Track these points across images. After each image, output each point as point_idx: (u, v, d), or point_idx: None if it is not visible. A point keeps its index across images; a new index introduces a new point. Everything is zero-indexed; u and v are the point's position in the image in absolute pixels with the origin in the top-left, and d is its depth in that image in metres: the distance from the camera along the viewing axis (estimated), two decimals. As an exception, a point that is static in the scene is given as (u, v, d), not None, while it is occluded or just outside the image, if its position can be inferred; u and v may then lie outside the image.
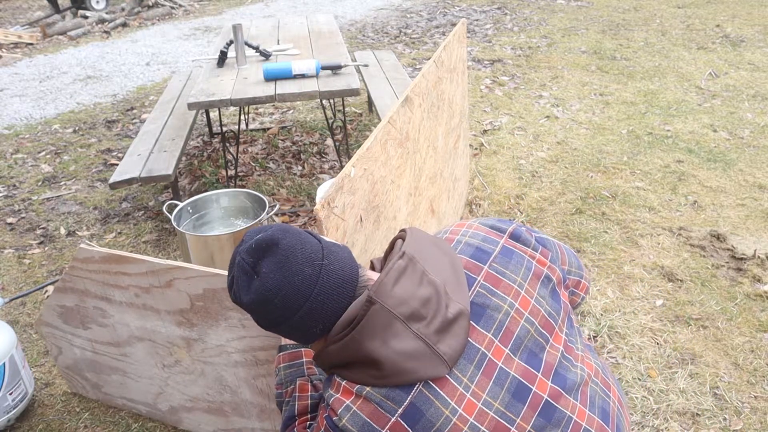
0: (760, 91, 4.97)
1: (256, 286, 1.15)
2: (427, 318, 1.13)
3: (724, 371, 2.35)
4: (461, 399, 1.12)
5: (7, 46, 7.69)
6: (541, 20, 7.50)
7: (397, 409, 1.10)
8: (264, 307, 1.15)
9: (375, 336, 1.11)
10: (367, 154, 1.65)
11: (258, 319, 1.19)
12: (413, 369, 1.10)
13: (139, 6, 9.25)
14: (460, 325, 1.15)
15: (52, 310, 2.17)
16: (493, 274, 1.25)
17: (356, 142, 4.38)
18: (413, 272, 1.17)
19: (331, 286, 1.16)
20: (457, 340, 1.14)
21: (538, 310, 1.24)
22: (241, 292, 1.17)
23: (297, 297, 1.14)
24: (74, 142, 4.77)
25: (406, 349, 1.11)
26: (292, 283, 1.14)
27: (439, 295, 1.16)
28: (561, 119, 4.62)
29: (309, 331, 1.17)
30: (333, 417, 1.13)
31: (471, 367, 1.14)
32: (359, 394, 1.12)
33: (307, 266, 1.15)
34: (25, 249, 3.40)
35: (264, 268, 1.15)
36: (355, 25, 7.84)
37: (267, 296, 1.14)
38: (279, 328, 1.18)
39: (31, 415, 2.33)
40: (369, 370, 1.12)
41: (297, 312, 1.14)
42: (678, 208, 3.40)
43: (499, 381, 1.15)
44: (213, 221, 2.72)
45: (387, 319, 1.12)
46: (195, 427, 2.18)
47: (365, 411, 1.11)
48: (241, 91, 3.10)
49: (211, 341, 1.89)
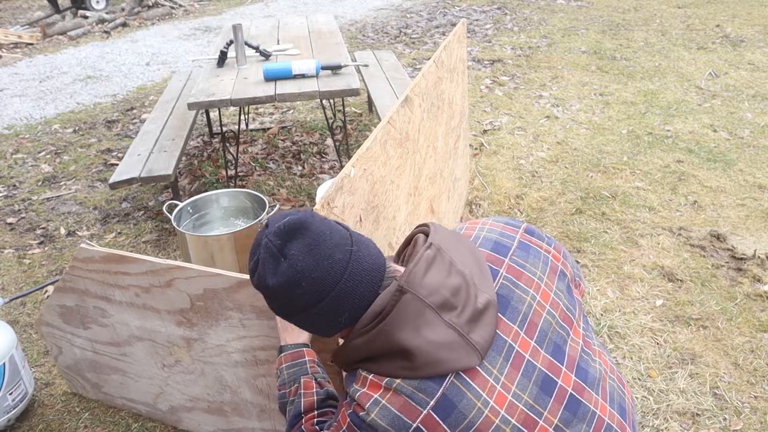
0: (760, 91, 4.97)
1: (284, 269, 1.11)
2: (458, 308, 1.11)
3: (724, 371, 2.35)
4: (492, 391, 1.09)
5: (7, 46, 7.69)
6: (541, 20, 7.50)
7: (429, 401, 1.06)
8: (291, 292, 1.11)
9: (407, 326, 1.08)
10: (367, 154, 1.65)
11: (281, 305, 1.15)
12: (446, 359, 1.07)
13: (139, 6, 9.25)
14: (489, 315, 1.13)
15: (52, 310, 2.17)
16: (515, 267, 1.23)
17: (356, 142, 4.38)
18: (442, 262, 1.14)
19: (360, 273, 1.13)
20: (487, 330, 1.12)
21: (557, 304, 1.23)
22: (267, 274, 1.13)
23: (326, 281, 1.10)
24: (74, 142, 4.77)
25: (439, 338, 1.08)
26: (322, 266, 1.11)
27: (468, 285, 1.14)
28: (561, 119, 4.62)
29: (334, 320, 1.14)
30: (359, 412, 1.09)
31: (500, 359, 1.12)
32: (388, 387, 1.08)
33: (337, 251, 1.13)
34: (25, 249, 3.40)
35: (293, 250, 1.11)
36: (355, 25, 7.84)
37: (295, 279, 1.10)
38: (301, 316, 1.14)
39: (31, 415, 2.33)
40: (400, 361, 1.08)
41: (325, 297, 1.11)
42: (678, 208, 3.40)
43: (527, 373, 1.13)
44: (213, 221, 2.72)
45: (419, 309, 1.09)
46: (195, 427, 2.19)
47: (395, 404, 1.07)
48: (241, 91, 3.10)
49: (211, 341, 1.89)
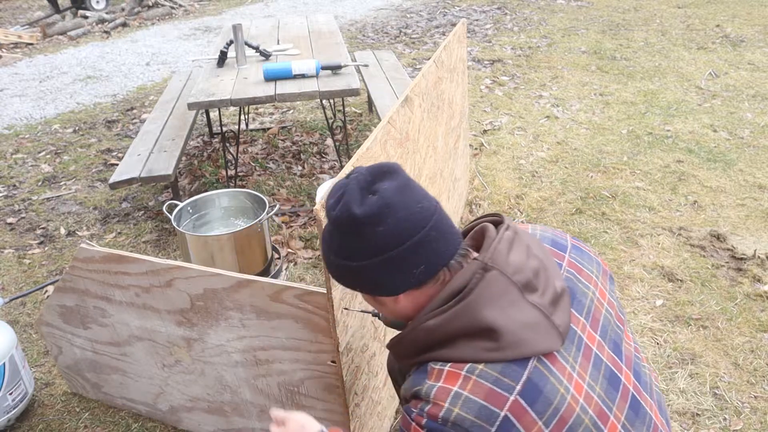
0: (760, 91, 4.97)
1: (373, 201, 1.06)
2: (539, 289, 1.08)
3: (724, 371, 2.35)
4: (570, 378, 1.05)
5: (7, 46, 7.69)
6: (541, 20, 7.50)
7: (515, 386, 1.00)
8: (375, 226, 1.05)
9: (492, 304, 1.03)
10: (367, 154, 1.65)
11: (357, 244, 1.07)
12: (531, 340, 1.02)
13: (139, 6, 9.25)
14: (565, 300, 1.10)
15: (52, 310, 2.17)
16: (574, 262, 1.23)
17: (356, 142, 4.38)
18: (520, 244, 1.12)
19: (444, 226, 1.09)
20: (565, 315, 1.09)
21: (613, 304, 1.22)
22: (354, 204, 1.06)
23: (413, 223, 1.06)
24: (74, 142, 4.77)
25: (525, 318, 1.03)
26: (411, 208, 1.06)
27: (546, 269, 1.11)
28: (561, 119, 4.62)
29: (408, 271, 1.07)
30: (439, 413, 1.00)
31: (573, 348, 1.08)
32: (469, 376, 1.01)
33: (424, 200, 1.09)
34: (25, 249, 3.40)
35: (384, 186, 1.07)
36: (355, 25, 7.84)
37: (383, 213, 1.05)
38: (373, 262, 1.07)
39: (31, 415, 2.33)
40: (483, 342, 1.02)
41: (407, 240, 1.05)
42: (678, 208, 3.40)
43: (596, 365, 1.09)
44: (213, 221, 2.72)
45: (505, 287, 1.05)
46: (195, 427, 2.18)
47: (479, 393, 0.99)
48: (241, 91, 3.10)
49: (211, 341, 1.89)
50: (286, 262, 3.10)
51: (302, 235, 3.32)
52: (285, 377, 1.83)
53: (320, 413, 1.85)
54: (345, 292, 1.57)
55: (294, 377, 1.81)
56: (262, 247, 2.53)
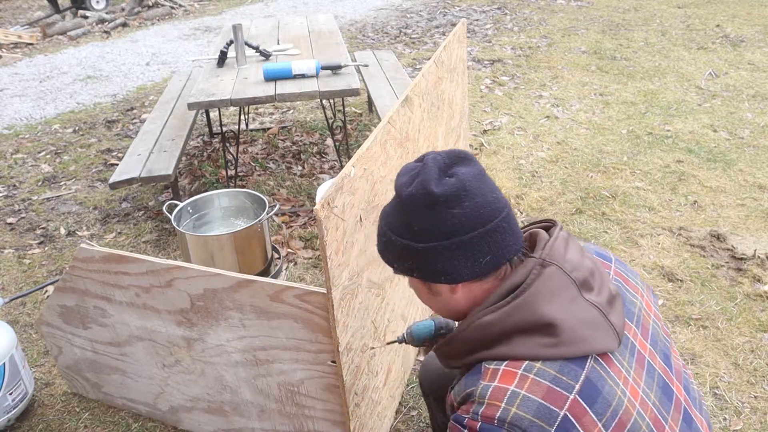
0: (760, 91, 4.97)
1: (452, 182, 1.05)
2: (595, 289, 1.06)
3: (724, 371, 2.35)
4: (626, 382, 1.02)
5: (7, 46, 7.69)
6: (541, 20, 7.50)
7: (574, 385, 0.97)
8: (450, 208, 1.03)
9: (551, 299, 1.02)
10: (367, 154, 1.65)
11: (429, 224, 1.05)
12: (590, 337, 1.00)
13: (139, 6, 9.25)
14: (619, 303, 1.08)
15: (52, 310, 2.17)
16: (620, 272, 1.22)
17: (356, 142, 4.38)
18: (574, 244, 1.11)
19: (513, 222, 1.08)
20: (620, 317, 1.06)
21: (658, 316, 1.21)
22: (431, 182, 1.04)
23: (487, 211, 1.04)
24: (74, 142, 4.77)
25: (583, 315, 1.02)
26: (487, 196, 1.05)
27: (599, 271, 1.10)
28: (561, 119, 4.62)
29: (475, 259, 1.05)
30: (495, 413, 0.96)
31: (627, 353, 1.06)
32: (526, 374, 0.98)
33: (497, 192, 1.08)
34: (25, 249, 3.40)
35: (462, 171, 1.07)
36: (355, 25, 7.84)
37: (461, 195, 1.03)
38: (442, 245, 1.04)
39: (31, 415, 2.33)
40: (541, 337, 0.99)
41: (479, 228, 1.03)
42: (678, 208, 3.40)
43: (650, 373, 1.07)
44: (213, 221, 2.72)
45: (563, 283, 1.03)
46: (195, 427, 2.18)
47: (538, 392, 0.96)
48: (241, 91, 3.10)
49: (211, 341, 1.89)
50: (286, 262, 3.10)
51: (302, 235, 3.32)
52: (285, 377, 1.83)
53: (320, 413, 1.85)
54: (345, 292, 1.57)
55: (294, 377, 1.81)
56: (262, 247, 2.53)
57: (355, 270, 1.63)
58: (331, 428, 1.86)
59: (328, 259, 1.44)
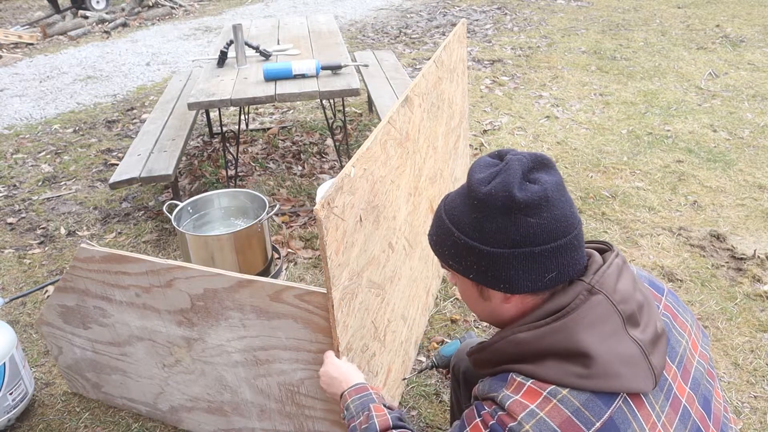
0: (760, 91, 4.97)
1: (535, 189, 1.00)
2: (641, 325, 1.01)
3: (724, 371, 2.35)
4: (654, 428, 0.97)
5: (7, 46, 7.69)
6: (541, 20, 7.50)
7: (595, 422, 0.93)
8: (528, 216, 0.99)
9: (592, 328, 0.97)
10: (367, 154, 1.65)
11: (501, 228, 1.00)
12: (625, 375, 0.96)
13: (139, 6, 9.25)
14: (663, 342, 1.03)
15: (52, 310, 2.17)
16: (671, 306, 1.16)
17: (356, 142, 4.38)
18: (628, 274, 1.06)
19: (582, 240, 1.04)
20: (662, 358, 1.01)
21: (705, 356, 1.15)
22: (514, 185, 0.99)
23: (563, 226, 1.00)
24: (74, 142, 4.77)
25: (623, 351, 0.97)
26: (564, 210, 1.01)
27: (649, 305, 1.05)
28: (561, 119, 4.62)
29: (541, 273, 1.00)
30: (509, 423, 0.94)
31: (661, 396, 1.01)
32: (550, 398, 0.94)
33: (574, 207, 1.04)
34: (25, 249, 3.40)
35: (545, 178, 1.02)
36: (355, 25, 7.84)
37: (541, 205, 0.99)
38: (513, 251, 1.00)
39: (31, 415, 2.34)
40: (572, 366, 0.96)
41: (551, 242, 1.00)
42: (678, 208, 3.40)
43: (683, 420, 1.02)
44: (213, 221, 2.72)
45: (607, 313, 0.99)
46: (195, 427, 2.19)
47: (556, 419, 0.93)
48: (241, 91, 3.10)
49: (212, 341, 1.89)
50: (286, 262, 3.10)
51: (302, 235, 3.32)
52: (285, 377, 1.83)
53: (320, 413, 1.85)
54: (345, 292, 1.57)
55: (294, 377, 1.81)
56: (262, 247, 2.53)
57: (355, 270, 1.63)
58: (331, 428, 1.86)
59: (328, 259, 1.44)
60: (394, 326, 2.07)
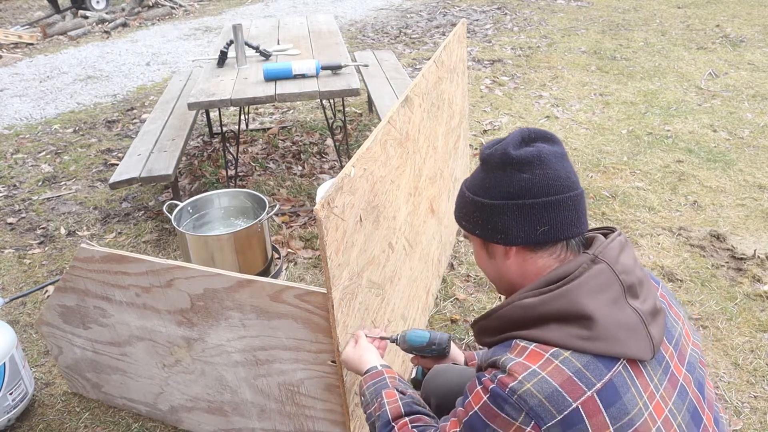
0: (760, 91, 4.97)
1: (531, 150, 1.09)
2: (641, 297, 1.06)
3: (724, 371, 2.35)
4: (652, 397, 1.01)
5: (7, 46, 7.69)
6: (541, 20, 7.50)
7: (596, 383, 0.97)
8: (521, 171, 1.08)
9: (594, 294, 1.02)
10: (367, 154, 1.65)
11: (498, 182, 1.10)
12: (624, 340, 0.99)
13: (139, 6, 9.25)
14: (661, 318, 1.08)
15: (52, 310, 2.17)
16: (666, 297, 1.21)
17: (356, 142, 4.38)
18: (630, 251, 1.12)
19: (581, 208, 1.11)
20: (660, 331, 1.06)
21: (697, 345, 1.20)
22: (510, 146, 1.10)
23: (558, 183, 1.08)
24: (74, 142, 4.77)
25: (622, 318, 1.01)
26: (560, 172, 1.09)
27: (648, 283, 1.11)
28: (561, 119, 4.62)
29: (533, 226, 1.08)
30: (509, 383, 0.98)
31: (660, 370, 1.05)
32: (552, 359, 0.99)
33: (575, 177, 1.12)
34: (25, 249, 3.40)
35: (543, 146, 1.11)
36: (355, 25, 7.84)
37: (534, 162, 1.08)
38: (506, 204, 1.09)
39: (31, 415, 2.34)
40: (575, 328, 1.00)
41: (545, 196, 1.07)
42: (678, 208, 3.40)
43: (681, 396, 1.06)
44: (213, 221, 2.72)
45: (609, 281, 1.04)
46: (195, 427, 2.19)
47: (557, 378, 0.97)
48: (241, 91, 3.10)
49: (212, 341, 1.89)
50: (286, 262, 3.10)
51: (302, 235, 3.32)
52: (285, 377, 1.83)
53: (320, 413, 1.85)
54: (345, 292, 1.57)
55: (294, 377, 1.81)
56: (262, 247, 2.53)
57: (355, 270, 1.63)
58: (331, 428, 1.86)
59: (328, 259, 1.44)
60: (394, 326, 2.07)
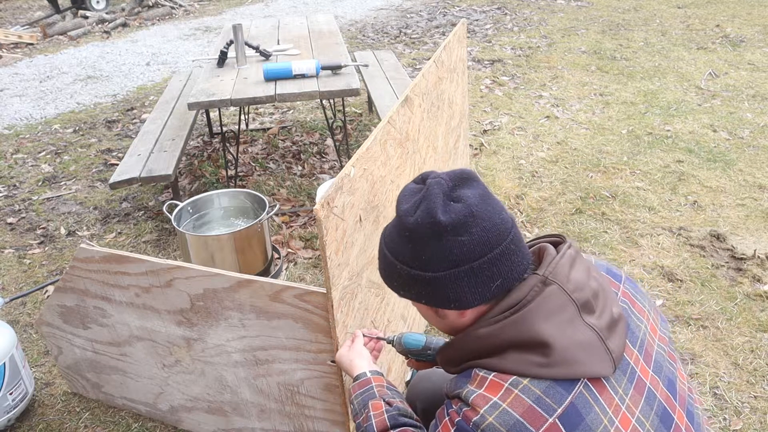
0: (760, 91, 4.97)
1: (459, 208, 1.03)
2: (597, 311, 1.04)
3: (724, 371, 2.35)
4: (617, 410, 1.00)
5: (7, 46, 7.69)
6: (541, 20, 7.50)
7: (557, 408, 0.96)
8: (458, 236, 1.02)
9: (548, 318, 1.00)
10: (367, 154, 1.65)
11: (436, 253, 1.03)
12: (583, 361, 0.98)
13: (139, 6, 9.25)
14: (621, 326, 1.06)
15: (52, 310, 2.17)
16: (628, 293, 1.19)
17: (356, 142, 4.38)
18: (581, 263, 1.09)
19: (520, 241, 1.06)
20: (620, 342, 1.04)
21: (665, 340, 1.18)
22: (438, 210, 1.03)
23: (495, 235, 1.03)
24: (74, 142, 4.77)
25: (579, 338, 1.00)
26: (494, 219, 1.03)
27: (605, 292, 1.08)
28: (561, 119, 4.62)
29: (486, 285, 1.03)
30: (472, 417, 0.98)
31: (624, 379, 1.04)
32: (512, 389, 0.97)
33: (503, 211, 1.06)
34: (25, 249, 3.40)
35: (467, 194, 1.04)
36: (355, 25, 7.84)
37: (468, 222, 1.02)
38: (451, 273, 1.03)
39: (31, 415, 2.34)
40: (533, 355, 0.98)
41: (488, 253, 1.02)
42: (678, 208, 3.40)
43: (649, 401, 1.05)
44: (213, 221, 2.72)
45: (562, 302, 1.02)
46: (195, 427, 2.19)
47: (518, 409, 0.96)
48: (241, 91, 3.10)
49: (211, 341, 1.89)
50: (286, 262, 3.10)
51: (302, 235, 3.32)
52: (285, 377, 1.83)
53: (320, 413, 1.85)
54: (345, 292, 1.57)
55: (294, 377, 1.81)
56: (262, 247, 2.53)
57: (355, 270, 1.63)
58: (331, 428, 1.86)
59: (328, 259, 1.44)
60: (394, 326, 2.07)
